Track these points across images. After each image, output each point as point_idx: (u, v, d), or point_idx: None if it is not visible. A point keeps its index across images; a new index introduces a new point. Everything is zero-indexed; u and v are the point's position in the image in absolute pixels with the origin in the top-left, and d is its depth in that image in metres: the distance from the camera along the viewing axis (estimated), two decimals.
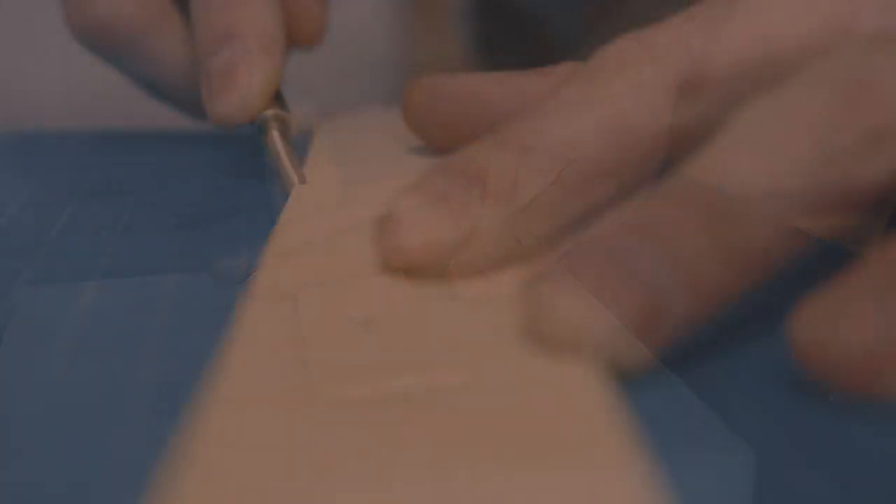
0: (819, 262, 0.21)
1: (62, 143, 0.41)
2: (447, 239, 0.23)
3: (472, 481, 0.16)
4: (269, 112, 0.33)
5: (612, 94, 0.25)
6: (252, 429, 0.18)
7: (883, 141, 0.21)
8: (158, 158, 0.39)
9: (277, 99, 0.34)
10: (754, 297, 0.21)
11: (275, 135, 0.33)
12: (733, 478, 0.17)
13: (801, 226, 0.21)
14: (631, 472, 0.16)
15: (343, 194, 0.30)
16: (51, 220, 0.31)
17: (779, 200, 0.21)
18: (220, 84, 0.33)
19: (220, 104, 0.33)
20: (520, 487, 0.16)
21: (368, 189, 0.29)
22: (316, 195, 0.30)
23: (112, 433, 0.19)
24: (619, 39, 0.26)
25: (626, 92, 0.25)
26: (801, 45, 0.25)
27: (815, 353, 0.19)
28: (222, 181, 0.35)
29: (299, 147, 0.35)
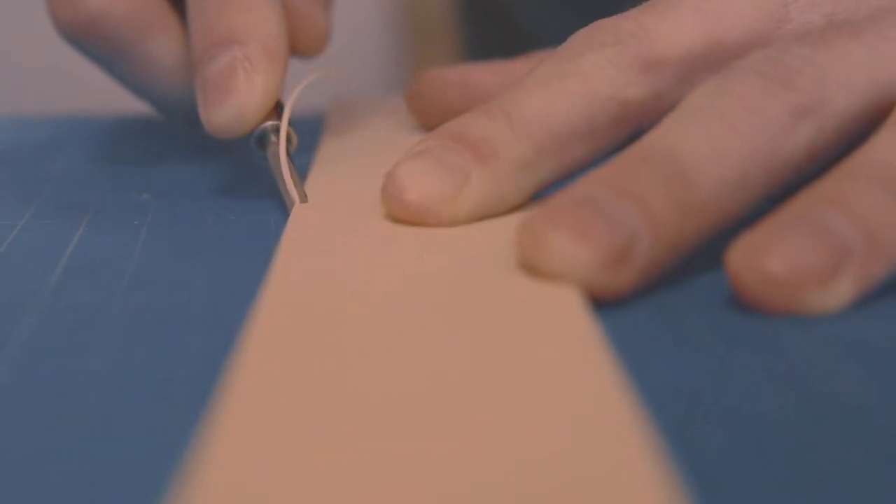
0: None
1: (96, 123, 0.45)
2: (441, 193, 0.28)
3: (462, 381, 0.20)
4: (269, 124, 0.32)
5: (581, 69, 0.29)
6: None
7: (804, 116, 0.26)
8: (186, 137, 0.41)
9: (278, 110, 0.32)
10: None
11: (275, 150, 0.31)
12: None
13: (738, 190, 0.26)
14: (606, 374, 0.20)
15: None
16: (95, 185, 0.36)
17: (720, 162, 0.25)
18: (216, 92, 0.31)
19: (216, 114, 0.31)
20: (504, 386, 0.20)
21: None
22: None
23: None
24: (588, 26, 0.30)
25: (593, 68, 0.29)
26: (740, 34, 0.29)
27: (741, 279, 0.24)
28: (246, 157, 0.38)
29: (311, 130, 0.39)
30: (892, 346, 0.23)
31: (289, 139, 0.32)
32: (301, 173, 0.32)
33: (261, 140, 0.32)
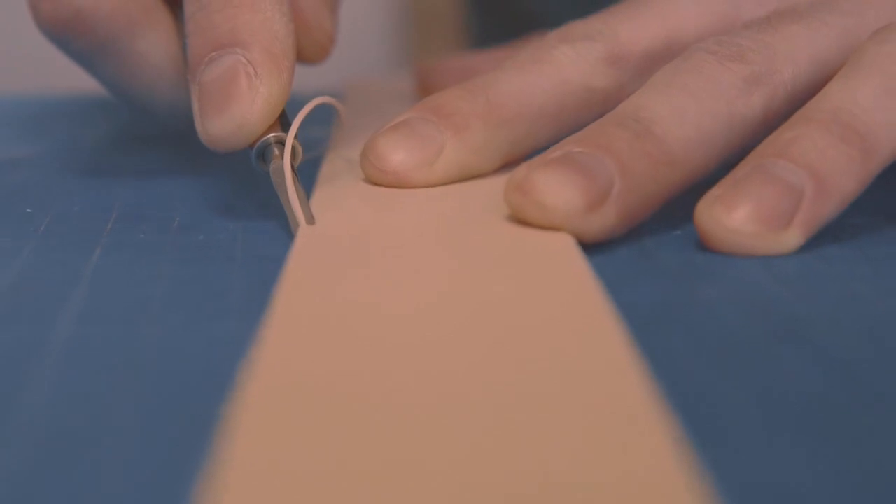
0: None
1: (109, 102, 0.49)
2: (416, 161, 0.31)
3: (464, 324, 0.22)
4: (272, 136, 0.29)
5: (554, 58, 0.33)
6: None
7: (756, 84, 0.30)
8: None
9: (282, 121, 0.30)
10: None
11: (278, 165, 0.29)
12: None
13: (702, 147, 0.29)
14: (597, 299, 0.23)
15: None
16: (130, 151, 0.39)
17: (682, 121, 0.29)
18: (215, 100, 0.29)
19: (213, 124, 0.29)
20: (504, 322, 0.22)
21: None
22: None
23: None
24: (564, 25, 0.34)
25: (565, 58, 0.33)
26: (696, 32, 0.33)
27: (707, 234, 0.27)
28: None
29: (321, 117, 0.42)
30: (834, 276, 0.27)
31: (294, 153, 0.29)
32: (310, 169, 0.32)
33: (263, 154, 0.29)
